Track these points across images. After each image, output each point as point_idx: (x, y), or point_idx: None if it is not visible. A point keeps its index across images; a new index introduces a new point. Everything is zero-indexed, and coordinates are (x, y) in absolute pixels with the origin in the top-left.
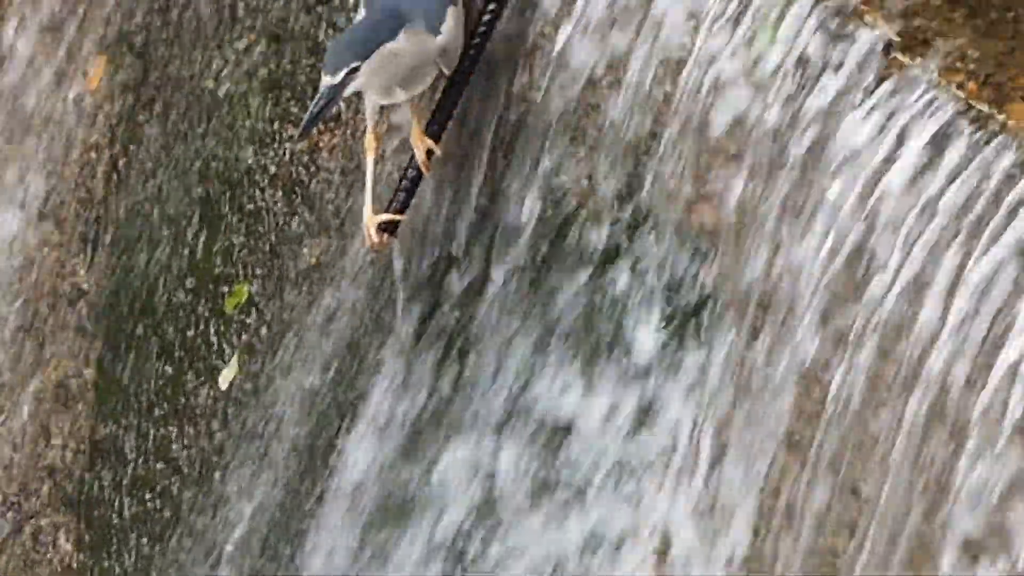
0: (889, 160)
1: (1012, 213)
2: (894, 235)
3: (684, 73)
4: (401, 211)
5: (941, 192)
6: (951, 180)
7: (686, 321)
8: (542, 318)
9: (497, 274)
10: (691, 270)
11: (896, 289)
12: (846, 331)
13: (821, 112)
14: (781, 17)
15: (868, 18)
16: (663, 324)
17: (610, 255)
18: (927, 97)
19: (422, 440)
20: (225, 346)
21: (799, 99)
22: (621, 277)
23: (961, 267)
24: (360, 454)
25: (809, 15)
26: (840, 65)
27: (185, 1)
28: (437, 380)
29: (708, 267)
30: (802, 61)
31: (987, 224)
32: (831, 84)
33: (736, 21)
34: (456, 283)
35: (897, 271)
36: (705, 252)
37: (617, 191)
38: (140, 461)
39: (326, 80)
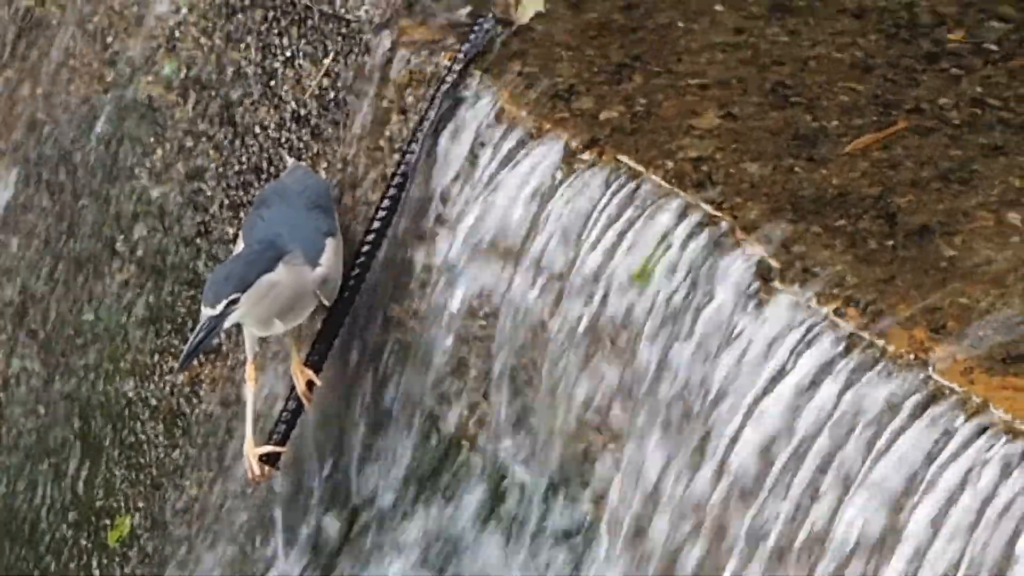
0: (767, 390)
1: (891, 442)
2: (770, 468)
3: (564, 300)
4: (282, 443)
5: (820, 426)
6: (833, 408)
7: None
8: (424, 547)
9: (380, 502)
10: (574, 497)
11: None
12: (732, 545)
13: (701, 337)
14: (661, 242)
15: (748, 246)
16: (546, 549)
17: (493, 484)
18: (807, 324)
19: None
20: None
21: (678, 323)
22: (503, 507)
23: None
24: None
25: (690, 240)
26: (719, 294)
27: (65, 234)
28: None
29: (591, 494)
30: (681, 288)
31: (869, 455)
32: (710, 311)
33: (616, 244)
34: (338, 513)
35: (776, 515)
36: (587, 479)
37: (499, 420)
38: None
39: (206, 312)
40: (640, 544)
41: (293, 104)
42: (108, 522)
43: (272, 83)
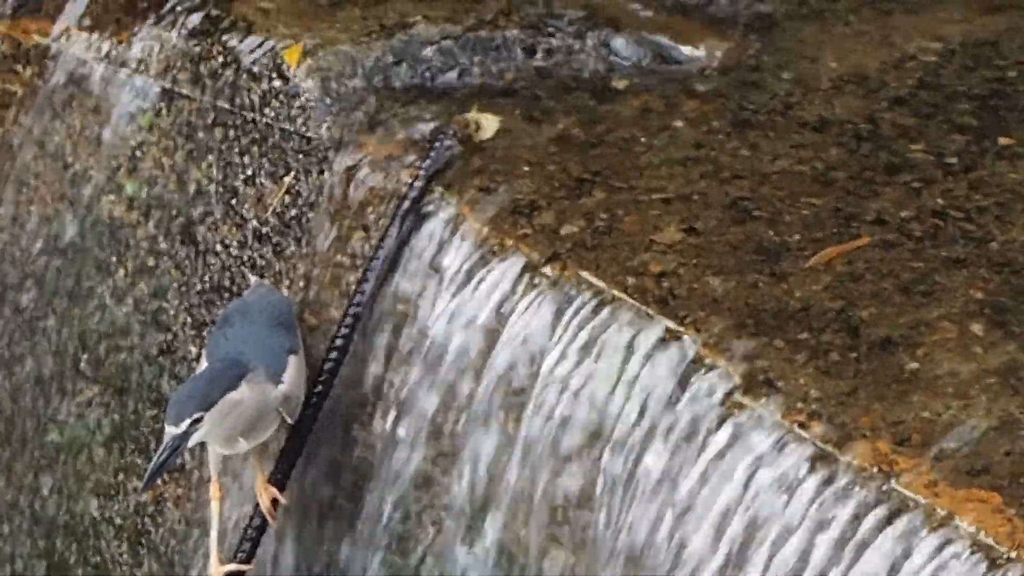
0: (733, 503)
1: (857, 554)
2: None
3: (526, 415)
4: (247, 561)
5: (786, 532)
6: (798, 521)
7: None
8: None
9: None
10: None
11: None
12: None
13: (665, 452)
14: (625, 358)
15: (709, 360)
16: None
17: None
18: (771, 439)
19: None
20: None
21: (643, 439)
22: None
23: None
24: None
25: (654, 355)
26: (683, 409)
27: (29, 353)
28: None
29: None
30: (646, 404)
31: (832, 569)
32: (674, 428)
33: (580, 359)
34: None
35: None
36: None
37: (464, 535)
38: None
39: (170, 430)
40: None
41: (255, 222)
42: None
43: (234, 201)
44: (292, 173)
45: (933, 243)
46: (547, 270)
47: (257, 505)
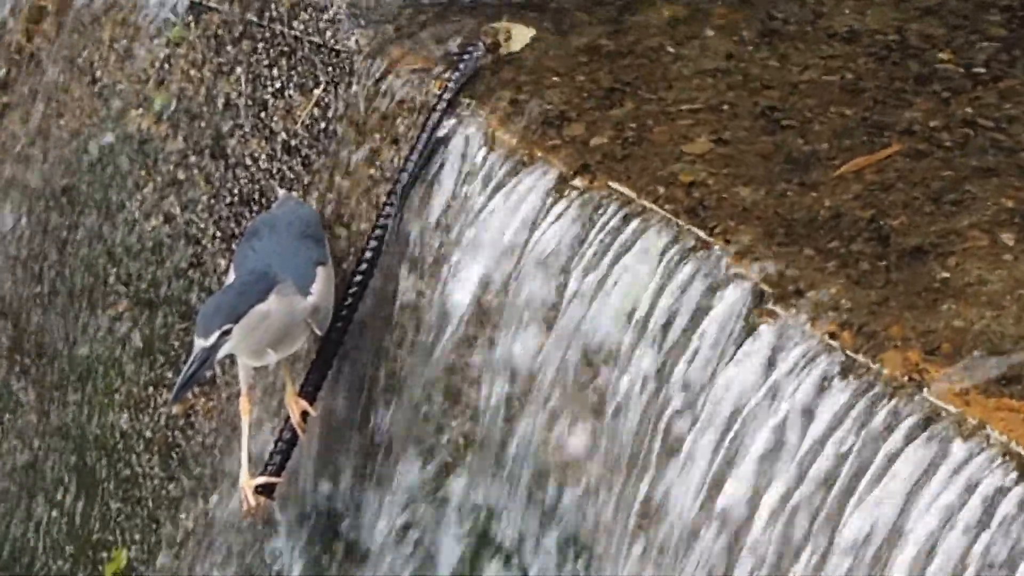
0: (765, 411)
1: (888, 464)
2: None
3: (555, 329)
4: (277, 473)
5: (818, 442)
6: (830, 430)
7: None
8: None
9: (377, 534)
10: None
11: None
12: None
13: (694, 366)
14: (654, 267)
15: (739, 270)
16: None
17: (488, 514)
18: (800, 348)
19: None
20: None
21: (671, 352)
22: (498, 534)
23: (835, 529)
24: None
25: (682, 266)
26: (713, 317)
27: (58, 269)
28: None
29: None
30: (675, 314)
31: (864, 476)
32: (705, 336)
33: (609, 269)
34: (335, 544)
35: (772, 540)
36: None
37: (494, 447)
38: None
39: (199, 343)
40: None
41: (284, 135)
42: (105, 555)
43: (263, 114)
44: (321, 86)
45: (963, 152)
46: (577, 181)
47: (287, 418)
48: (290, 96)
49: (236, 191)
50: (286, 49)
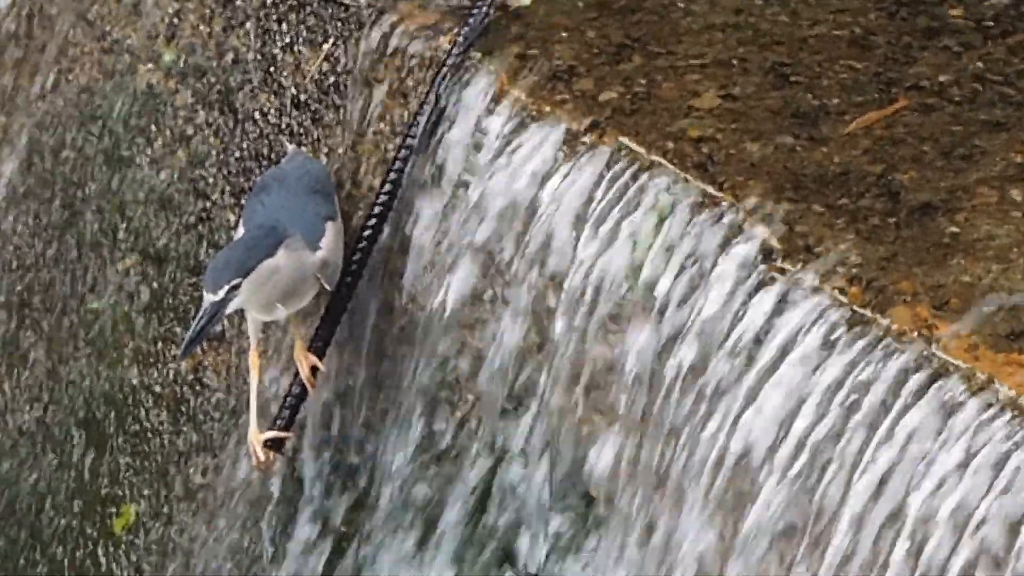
0: (773, 366)
1: (897, 419)
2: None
3: (567, 284)
4: (286, 428)
5: (827, 398)
6: (839, 385)
7: (576, 525)
8: (431, 530)
9: (386, 487)
10: (579, 472)
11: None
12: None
13: (703, 318)
14: (663, 223)
15: (748, 225)
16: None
17: (498, 464)
18: (810, 303)
19: None
20: (115, 567)
21: (680, 308)
22: (509, 484)
23: (845, 487)
24: None
25: (693, 220)
26: (723, 273)
27: (68, 222)
28: None
29: (591, 476)
30: (684, 269)
31: (874, 432)
32: (715, 293)
33: (618, 225)
34: (344, 498)
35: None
36: (588, 460)
37: (504, 401)
38: None
39: (208, 298)
40: (645, 525)
41: (293, 90)
42: (114, 510)
43: (272, 69)
44: (330, 40)
45: (972, 107)
46: (586, 136)
47: (296, 373)
48: (299, 51)
49: (245, 146)
50: (295, 4)
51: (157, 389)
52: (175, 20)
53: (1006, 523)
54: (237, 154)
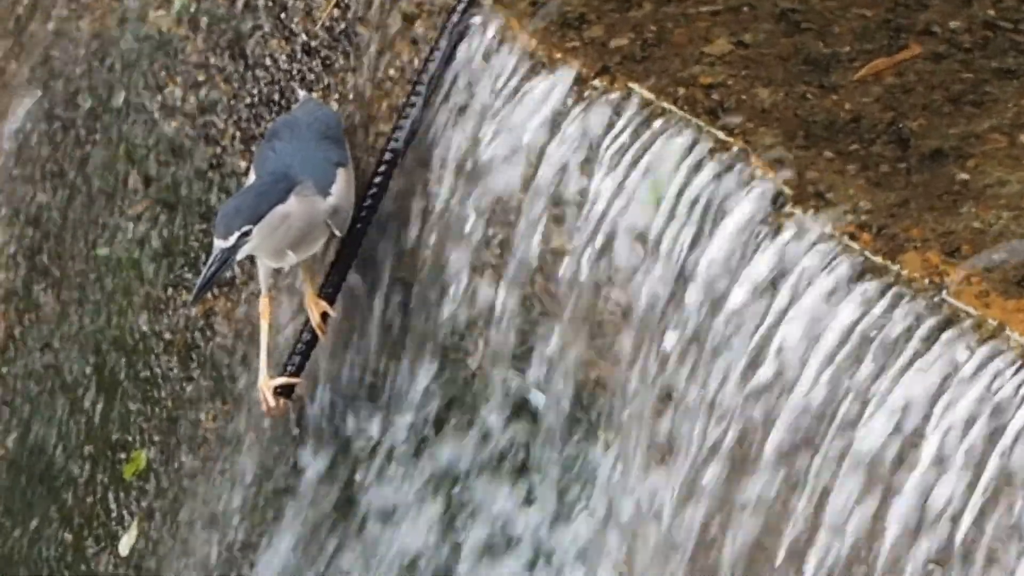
0: (784, 312)
1: (907, 366)
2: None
3: (575, 227)
4: (296, 374)
5: (838, 344)
6: (847, 332)
7: (583, 474)
8: (441, 476)
9: (395, 433)
10: (589, 421)
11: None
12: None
13: (713, 265)
14: (674, 169)
15: (760, 171)
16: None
17: (509, 412)
18: (821, 249)
19: None
20: (125, 512)
21: (691, 251)
22: (519, 433)
23: (853, 431)
24: None
25: (701, 168)
26: (733, 219)
27: (78, 169)
28: (339, 538)
29: (607, 420)
30: (694, 215)
31: (883, 378)
32: (725, 239)
33: (629, 171)
34: (354, 444)
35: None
36: (600, 405)
37: (514, 348)
38: None
39: (218, 244)
40: (661, 462)
41: (304, 36)
42: (124, 456)
43: (282, 15)
44: None
45: (983, 54)
46: (596, 83)
47: (307, 319)
48: None
49: (256, 92)
50: None
51: (167, 335)
52: None
53: (1017, 468)
54: (248, 100)
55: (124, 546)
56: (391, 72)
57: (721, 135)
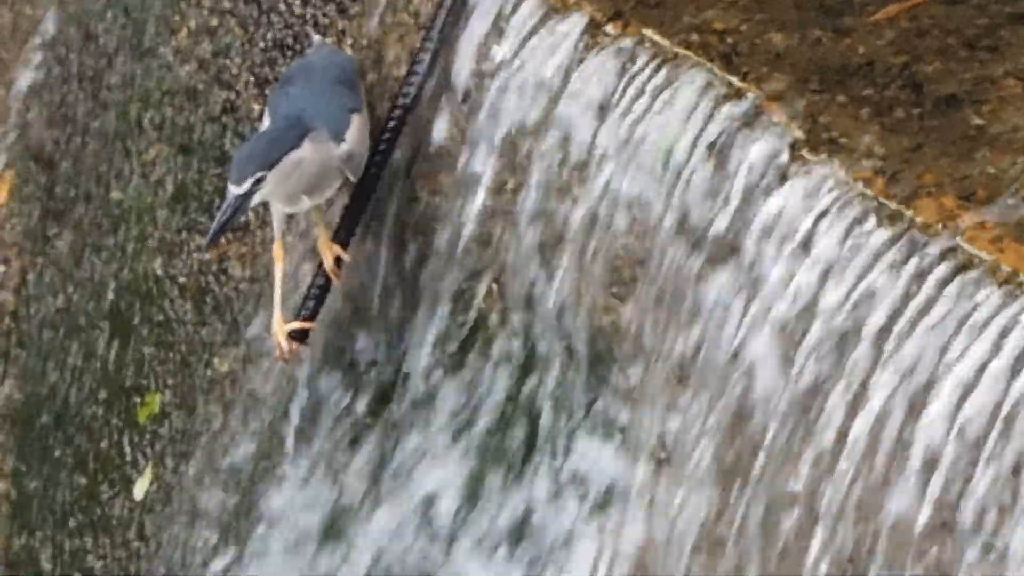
0: (798, 260)
1: (921, 310)
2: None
3: (589, 172)
4: (310, 319)
5: (850, 290)
6: (862, 277)
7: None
8: (454, 421)
9: (409, 377)
10: (604, 365)
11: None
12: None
13: (726, 213)
14: (688, 114)
15: (774, 116)
16: (578, 420)
17: (523, 357)
18: (834, 195)
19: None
20: (139, 456)
21: (706, 198)
22: (532, 379)
23: (867, 377)
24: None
25: (715, 114)
26: (746, 164)
27: (92, 113)
28: (346, 488)
29: (619, 366)
30: (708, 160)
31: (896, 324)
32: (737, 183)
33: (640, 121)
34: (367, 388)
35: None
36: (614, 350)
37: (526, 294)
38: (57, 573)
39: (232, 189)
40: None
41: None
42: (138, 400)
43: None
44: None
45: None
46: (609, 28)
47: (321, 264)
48: None
49: (270, 36)
50: None
51: (181, 279)
52: None
53: None
54: (262, 45)
55: (139, 490)
56: (405, 17)
57: (735, 80)
